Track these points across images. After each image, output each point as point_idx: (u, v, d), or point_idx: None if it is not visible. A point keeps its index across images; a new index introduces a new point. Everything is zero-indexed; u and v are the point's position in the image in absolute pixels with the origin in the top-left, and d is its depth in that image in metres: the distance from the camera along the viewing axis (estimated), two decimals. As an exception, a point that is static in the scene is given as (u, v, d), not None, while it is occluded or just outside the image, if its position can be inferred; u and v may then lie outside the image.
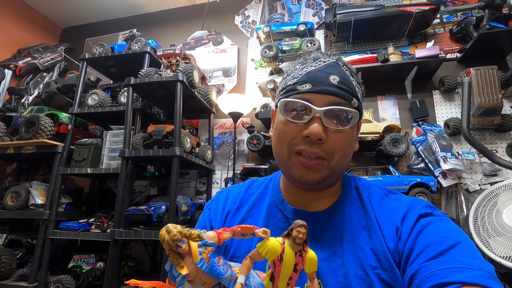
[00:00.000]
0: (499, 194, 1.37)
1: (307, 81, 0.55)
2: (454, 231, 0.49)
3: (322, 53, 0.61)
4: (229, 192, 0.72)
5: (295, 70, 0.60)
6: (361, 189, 0.63)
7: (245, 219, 0.64)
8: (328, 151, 0.54)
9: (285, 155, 0.57)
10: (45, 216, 1.78)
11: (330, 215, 0.59)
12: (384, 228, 0.54)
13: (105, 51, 2.16)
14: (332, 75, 0.55)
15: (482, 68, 1.65)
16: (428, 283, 0.40)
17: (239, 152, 2.23)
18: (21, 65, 2.57)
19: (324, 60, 0.58)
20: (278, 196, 0.65)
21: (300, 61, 0.62)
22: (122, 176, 1.67)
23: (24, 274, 1.76)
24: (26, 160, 2.44)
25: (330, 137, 0.53)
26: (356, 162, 1.95)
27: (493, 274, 0.40)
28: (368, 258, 0.52)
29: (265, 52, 2.04)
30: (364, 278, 0.50)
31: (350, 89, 0.55)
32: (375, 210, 0.58)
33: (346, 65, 0.59)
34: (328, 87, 0.54)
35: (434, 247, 0.45)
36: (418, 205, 0.56)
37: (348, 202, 0.61)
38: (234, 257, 0.59)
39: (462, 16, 2.07)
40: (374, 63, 1.88)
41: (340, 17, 2.02)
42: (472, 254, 0.43)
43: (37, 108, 2.17)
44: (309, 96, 0.54)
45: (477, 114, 1.65)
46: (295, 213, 0.61)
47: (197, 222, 0.74)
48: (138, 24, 2.95)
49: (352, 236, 0.55)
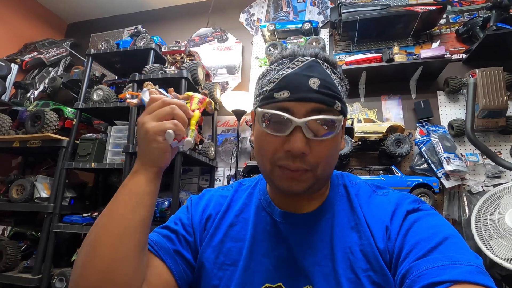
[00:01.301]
0: (502, 196, 1.36)
1: (285, 88, 0.50)
2: (441, 226, 0.48)
3: (299, 47, 0.55)
4: (213, 196, 0.69)
5: (271, 72, 0.54)
6: (349, 187, 0.62)
7: (234, 224, 0.62)
8: (312, 163, 0.50)
9: (268, 168, 0.54)
10: (49, 210, 1.80)
11: (319, 216, 0.58)
12: (374, 228, 0.54)
13: (111, 47, 2.17)
14: (311, 78, 0.50)
15: (487, 70, 1.63)
16: (419, 283, 0.41)
17: (242, 149, 2.24)
18: (27, 59, 2.59)
19: (302, 60, 0.52)
20: (265, 199, 0.64)
21: (276, 59, 0.56)
22: (126, 171, 1.69)
23: (28, 266, 1.79)
24: (32, 154, 2.47)
25: (314, 148, 0.50)
26: (358, 161, 1.95)
27: (481, 268, 0.41)
28: (358, 261, 0.51)
29: (269, 50, 2.04)
30: (355, 281, 0.50)
31: (333, 91, 0.50)
32: (363, 209, 0.57)
33: (326, 61, 0.54)
34: (308, 93, 0.49)
35: (423, 244, 0.45)
36: (406, 201, 0.55)
37: (336, 202, 0.60)
38: (224, 265, 0.58)
39: (468, 16, 2.05)
40: (379, 62, 1.87)
41: (346, 16, 2.01)
42: (460, 249, 0.44)
43: (42, 103, 2.19)
44: (288, 104, 0.50)
45: (481, 115, 1.64)
46: (283, 216, 0.59)
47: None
48: (143, 20, 2.96)
49: (341, 238, 0.55)
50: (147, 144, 0.50)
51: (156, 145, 0.50)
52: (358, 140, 1.78)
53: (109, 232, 0.48)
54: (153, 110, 0.51)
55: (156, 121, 0.50)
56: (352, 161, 1.95)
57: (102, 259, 0.46)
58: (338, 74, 0.55)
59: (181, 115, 0.52)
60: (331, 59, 0.55)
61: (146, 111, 0.52)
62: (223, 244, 0.60)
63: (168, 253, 0.56)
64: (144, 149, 0.52)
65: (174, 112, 0.51)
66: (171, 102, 0.52)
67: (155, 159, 0.52)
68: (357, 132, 1.77)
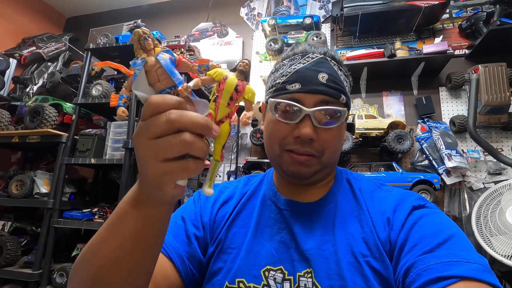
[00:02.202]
0: (503, 193, 1.36)
1: (296, 80, 0.56)
2: (447, 224, 0.50)
3: (310, 45, 0.61)
4: (224, 187, 0.72)
5: (283, 66, 0.60)
6: (352, 182, 0.65)
7: (241, 211, 0.65)
8: (319, 149, 0.56)
9: (277, 153, 0.59)
10: (49, 205, 1.79)
11: (322, 205, 0.61)
12: (375, 219, 0.56)
13: (110, 42, 2.15)
14: (320, 73, 0.56)
15: (490, 65, 1.62)
16: (425, 277, 0.41)
17: (242, 145, 2.23)
18: (26, 54, 2.57)
19: (313, 56, 0.58)
20: (271, 189, 0.67)
21: (288, 55, 0.62)
22: (126, 167, 1.68)
23: (28, 261, 1.79)
24: (31, 149, 2.46)
25: (321, 135, 0.55)
26: (359, 158, 1.94)
27: (488, 267, 0.41)
28: (359, 246, 0.53)
29: (270, 45, 2.02)
30: (355, 265, 0.52)
31: (339, 85, 0.57)
32: (366, 201, 0.60)
33: (334, 59, 0.60)
34: (317, 86, 0.55)
35: (429, 240, 0.46)
36: (411, 197, 0.57)
37: (340, 193, 0.63)
38: (228, 248, 0.60)
39: (472, 11, 2.02)
40: (381, 58, 1.85)
41: (347, 11, 1.98)
42: (466, 247, 0.45)
43: (41, 98, 2.18)
44: (298, 95, 0.55)
45: (484, 111, 1.63)
46: (288, 204, 0.62)
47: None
48: (142, 14, 2.92)
49: (343, 225, 0.57)
50: (149, 188, 0.35)
51: (162, 194, 0.35)
52: (359, 136, 1.77)
53: (113, 278, 0.39)
54: (154, 134, 0.31)
55: (160, 161, 0.32)
56: (352, 157, 1.94)
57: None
58: (344, 71, 0.61)
59: (200, 148, 0.32)
60: (338, 57, 0.61)
61: (142, 127, 0.32)
62: (229, 230, 0.62)
63: (176, 252, 0.57)
64: (147, 190, 0.36)
65: (190, 147, 0.31)
66: (185, 119, 0.31)
67: (164, 201, 0.37)
68: (358, 128, 1.76)
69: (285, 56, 0.63)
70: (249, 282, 0.55)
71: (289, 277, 0.54)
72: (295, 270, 0.54)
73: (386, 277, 0.50)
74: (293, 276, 0.54)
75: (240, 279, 0.55)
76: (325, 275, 0.52)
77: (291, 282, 0.54)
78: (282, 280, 0.54)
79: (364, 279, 0.50)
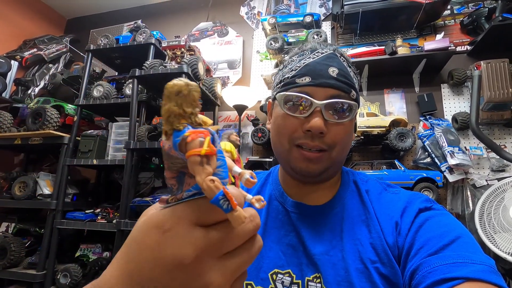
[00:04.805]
0: (506, 190, 1.35)
1: (306, 74, 0.55)
2: (454, 225, 0.49)
3: (319, 43, 0.60)
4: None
5: (292, 62, 0.59)
6: (359, 183, 0.63)
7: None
8: (329, 143, 0.54)
9: (286, 148, 0.57)
10: (52, 206, 1.80)
11: (329, 209, 0.60)
12: (383, 223, 0.55)
13: (110, 43, 2.15)
14: (331, 67, 0.55)
15: (493, 61, 1.60)
16: (430, 279, 0.41)
17: (244, 145, 2.23)
18: (27, 56, 2.58)
19: (322, 52, 0.57)
20: (278, 189, 0.65)
21: (296, 52, 0.61)
22: (128, 167, 1.68)
23: (32, 262, 1.81)
24: (33, 151, 2.47)
25: (331, 129, 0.54)
26: (361, 156, 1.93)
27: (494, 268, 0.41)
28: (367, 252, 0.52)
29: (270, 44, 2.01)
30: (364, 271, 0.51)
31: (349, 80, 0.55)
32: (373, 204, 0.58)
33: (343, 56, 0.59)
34: (327, 79, 0.54)
35: (434, 241, 0.46)
36: (418, 199, 0.56)
37: (347, 196, 0.61)
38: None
39: (473, 7, 2.01)
40: (382, 55, 1.84)
41: (348, 8, 1.97)
42: (472, 248, 0.44)
43: (43, 100, 2.18)
44: (308, 89, 0.54)
45: (486, 108, 1.62)
46: (296, 206, 0.61)
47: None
48: (143, 15, 2.92)
49: (351, 230, 0.56)
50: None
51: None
52: (360, 134, 1.76)
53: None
54: (226, 249, 0.24)
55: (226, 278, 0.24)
56: (354, 156, 1.93)
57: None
58: (353, 68, 0.60)
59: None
60: (346, 55, 0.61)
61: (211, 238, 0.23)
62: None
63: None
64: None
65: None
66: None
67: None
68: (360, 126, 1.76)
69: (293, 54, 0.62)
70: (257, 285, 0.54)
71: (297, 280, 0.53)
72: (303, 274, 0.54)
73: (395, 282, 0.49)
74: (301, 280, 0.53)
75: (248, 281, 0.55)
76: (334, 281, 0.51)
77: (299, 286, 0.53)
78: (290, 284, 0.53)
79: (373, 286, 0.49)
